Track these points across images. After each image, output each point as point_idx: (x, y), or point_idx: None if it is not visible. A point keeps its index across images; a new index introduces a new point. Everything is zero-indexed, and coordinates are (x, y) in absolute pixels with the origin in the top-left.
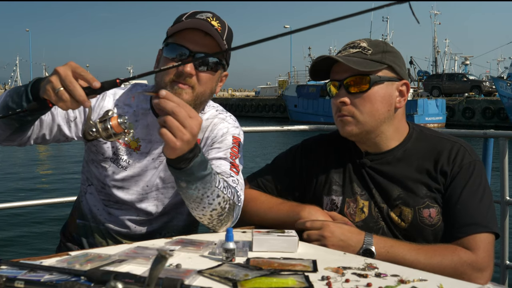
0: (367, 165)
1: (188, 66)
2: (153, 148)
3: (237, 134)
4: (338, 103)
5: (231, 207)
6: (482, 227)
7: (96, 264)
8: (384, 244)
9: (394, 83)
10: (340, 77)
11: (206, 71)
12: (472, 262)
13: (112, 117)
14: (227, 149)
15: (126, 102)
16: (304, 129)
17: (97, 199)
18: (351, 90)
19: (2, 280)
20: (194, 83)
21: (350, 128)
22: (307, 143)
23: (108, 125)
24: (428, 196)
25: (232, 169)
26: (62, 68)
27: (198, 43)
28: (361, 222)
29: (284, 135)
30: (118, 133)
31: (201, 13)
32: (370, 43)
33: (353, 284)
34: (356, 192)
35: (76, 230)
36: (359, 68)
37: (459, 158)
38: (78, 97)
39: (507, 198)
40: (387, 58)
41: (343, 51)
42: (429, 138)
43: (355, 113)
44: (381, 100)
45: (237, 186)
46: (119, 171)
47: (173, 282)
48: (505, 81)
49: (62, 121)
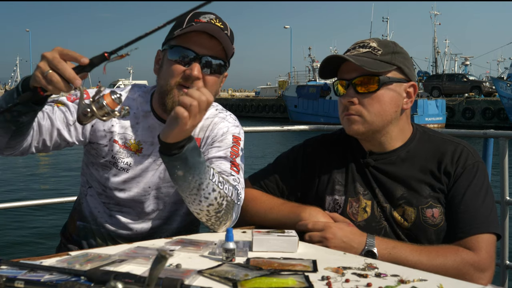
0: (371, 165)
1: (195, 69)
2: (156, 150)
3: (237, 133)
4: (346, 102)
5: (229, 204)
6: (484, 227)
7: (96, 264)
8: (386, 245)
9: (402, 84)
10: (348, 76)
11: (212, 74)
12: (474, 262)
13: (105, 94)
14: (227, 148)
15: (125, 105)
16: (304, 129)
17: (98, 202)
18: (359, 89)
19: (2, 280)
20: (201, 86)
21: (356, 126)
22: (309, 143)
23: (103, 102)
24: (432, 196)
25: (232, 168)
26: (49, 53)
27: (204, 46)
28: (364, 222)
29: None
30: (114, 110)
31: (204, 15)
32: (379, 43)
33: (353, 284)
34: (359, 192)
35: (76, 231)
36: (368, 68)
37: (462, 159)
38: (68, 75)
39: (507, 198)
40: (396, 59)
41: (352, 50)
42: (432, 139)
43: (363, 113)
44: (389, 101)
45: (238, 185)
46: (120, 173)
47: (173, 282)
48: (505, 82)
49: (61, 125)
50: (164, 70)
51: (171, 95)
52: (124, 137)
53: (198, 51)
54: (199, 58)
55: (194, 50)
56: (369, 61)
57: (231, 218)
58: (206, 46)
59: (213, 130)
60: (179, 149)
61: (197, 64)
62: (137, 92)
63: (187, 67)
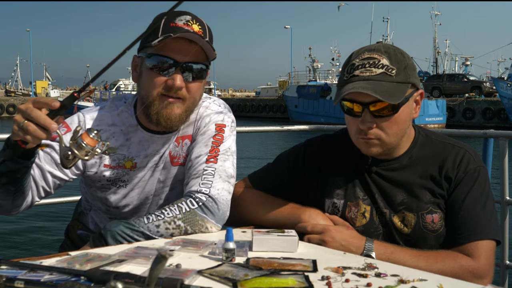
0: (373, 171)
1: (177, 79)
2: (150, 161)
3: (221, 120)
4: (364, 128)
5: (186, 217)
6: (485, 234)
7: (96, 264)
8: (385, 250)
9: (413, 96)
10: (364, 100)
11: (195, 80)
12: (473, 269)
13: (82, 134)
14: (209, 139)
15: (110, 122)
16: (304, 129)
17: (104, 217)
18: (376, 113)
19: (2, 280)
20: (185, 95)
21: (375, 149)
22: (310, 143)
23: (82, 142)
24: (432, 201)
25: (209, 160)
26: (22, 105)
27: (183, 52)
28: (362, 227)
29: (284, 135)
30: (94, 147)
31: (180, 16)
32: (390, 59)
33: (353, 284)
34: (359, 197)
35: (78, 238)
36: (393, 102)
37: (463, 164)
38: (43, 122)
39: (507, 198)
40: (409, 75)
41: (362, 68)
42: (434, 144)
43: (382, 136)
44: (405, 119)
45: (209, 181)
46: (118, 190)
47: (173, 282)
48: (506, 82)
49: (50, 167)
50: (144, 80)
51: (154, 106)
52: (117, 158)
53: (178, 59)
54: (180, 66)
55: (174, 57)
56: (390, 89)
57: (210, 219)
58: (185, 51)
59: (198, 121)
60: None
61: (178, 73)
62: (119, 107)
63: (168, 77)
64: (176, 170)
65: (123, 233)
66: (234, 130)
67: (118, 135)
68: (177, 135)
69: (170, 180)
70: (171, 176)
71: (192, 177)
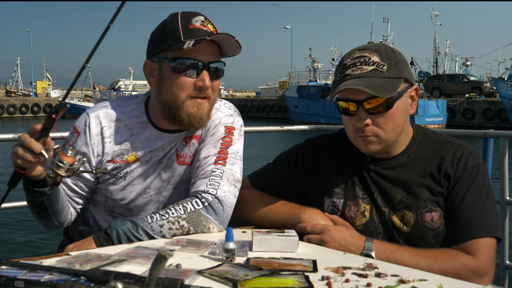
0: (372, 170)
1: (207, 80)
2: (153, 156)
3: (231, 123)
4: (360, 125)
5: (191, 217)
6: (485, 231)
7: (96, 264)
8: (385, 249)
9: (407, 91)
10: (358, 98)
11: (217, 79)
12: (474, 268)
13: (59, 152)
14: (218, 140)
15: (114, 118)
16: (304, 129)
17: (102, 210)
18: (371, 110)
19: (2, 280)
20: (210, 94)
21: (374, 146)
22: (310, 143)
23: (59, 161)
24: (431, 200)
25: (217, 161)
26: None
27: (206, 53)
28: (362, 226)
29: (284, 135)
30: (72, 163)
31: (195, 17)
32: (381, 56)
33: (353, 284)
34: (358, 196)
35: (78, 235)
36: (385, 96)
37: (463, 162)
38: (28, 144)
39: (507, 198)
40: (401, 70)
41: (353, 67)
42: (433, 142)
43: (379, 132)
44: (401, 114)
45: (217, 181)
46: (118, 181)
47: (173, 282)
48: (506, 82)
49: (70, 180)
50: (169, 83)
51: (184, 108)
52: (120, 153)
53: (204, 59)
54: (206, 67)
55: (200, 59)
56: (381, 84)
57: (214, 220)
58: (208, 52)
59: (208, 123)
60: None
61: (206, 74)
62: (130, 105)
63: (197, 78)
64: (181, 169)
65: (129, 232)
66: (243, 133)
67: (122, 130)
68: (186, 134)
69: (174, 179)
70: (175, 175)
71: (200, 177)
